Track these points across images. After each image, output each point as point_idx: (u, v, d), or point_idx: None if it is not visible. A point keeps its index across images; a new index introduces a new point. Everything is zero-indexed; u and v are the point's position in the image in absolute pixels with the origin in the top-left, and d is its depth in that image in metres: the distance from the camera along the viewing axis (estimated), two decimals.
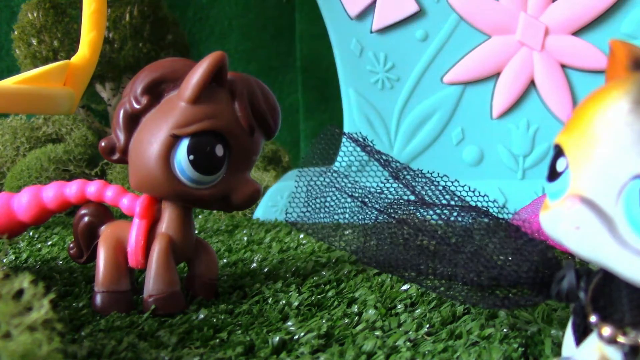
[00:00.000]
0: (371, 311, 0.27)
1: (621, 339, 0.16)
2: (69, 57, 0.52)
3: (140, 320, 0.26)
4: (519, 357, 0.22)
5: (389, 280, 0.32)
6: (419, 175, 0.24)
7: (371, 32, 0.52)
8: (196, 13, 0.84)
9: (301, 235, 0.45)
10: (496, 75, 0.51)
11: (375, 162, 0.26)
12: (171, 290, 0.28)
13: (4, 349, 0.15)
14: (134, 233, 0.28)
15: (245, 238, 0.45)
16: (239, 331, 0.25)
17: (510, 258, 0.20)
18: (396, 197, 0.24)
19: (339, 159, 0.27)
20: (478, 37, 0.51)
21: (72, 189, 0.30)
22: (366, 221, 0.25)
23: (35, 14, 0.64)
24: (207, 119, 0.26)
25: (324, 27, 0.54)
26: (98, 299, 0.28)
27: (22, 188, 0.32)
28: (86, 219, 0.30)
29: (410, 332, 0.24)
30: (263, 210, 0.55)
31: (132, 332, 0.25)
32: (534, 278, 0.19)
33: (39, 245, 0.43)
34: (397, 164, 0.25)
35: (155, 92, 0.27)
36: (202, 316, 0.27)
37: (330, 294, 0.30)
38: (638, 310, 0.16)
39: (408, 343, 0.23)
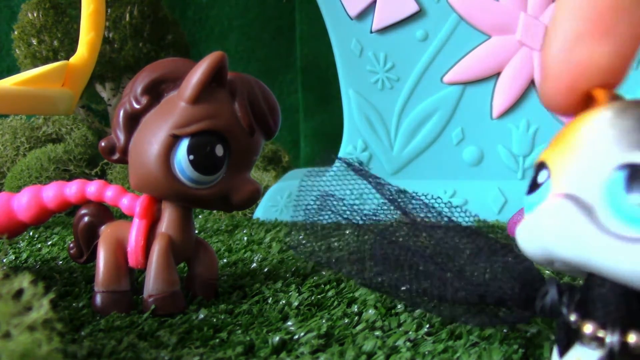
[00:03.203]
0: (371, 311, 0.27)
1: (601, 333, 0.16)
2: (68, 57, 0.53)
3: (140, 320, 0.26)
4: (519, 359, 0.22)
5: None
6: (414, 198, 0.25)
7: (371, 32, 0.52)
8: (196, 13, 0.84)
9: (301, 236, 0.45)
10: (496, 75, 0.51)
11: (369, 186, 0.26)
12: (171, 290, 0.28)
13: (4, 349, 0.15)
14: (134, 233, 0.28)
15: (245, 238, 0.45)
16: (239, 331, 0.25)
17: (496, 276, 0.20)
18: (390, 218, 0.25)
19: (328, 177, 0.27)
20: (478, 37, 0.51)
21: (72, 189, 0.30)
22: (362, 244, 0.25)
23: (35, 14, 0.64)
24: (207, 119, 0.26)
25: (324, 27, 0.54)
26: (98, 299, 0.28)
27: (22, 188, 0.32)
28: (86, 219, 0.30)
29: (410, 332, 0.24)
30: (263, 210, 0.55)
31: (132, 332, 0.25)
32: (519, 294, 0.19)
33: (39, 245, 0.43)
34: (391, 188, 0.26)
35: (155, 92, 0.27)
36: (202, 316, 0.27)
37: (330, 294, 0.30)
38: (620, 311, 0.16)
39: (408, 343, 0.23)
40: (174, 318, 0.27)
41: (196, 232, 0.33)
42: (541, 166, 0.17)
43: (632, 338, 0.16)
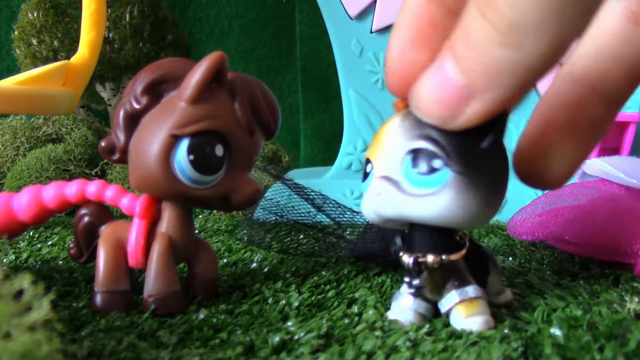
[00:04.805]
0: (371, 311, 0.27)
1: (405, 257, 0.25)
2: (69, 57, 0.53)
3: (140, 320, 0.26)
4: (519, 357, 0.22)
5: (389, 280, 0.32)
6: (333, 203, 0.38)
7: (371, 32, 0.52)
8: (196, 13, 0.84)
9: (301, 235, 0.45)
10: None
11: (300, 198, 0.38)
12: (171, 290, 0.28)
13: (4, 349, 0.15)
14: (134, 233, 0.28)
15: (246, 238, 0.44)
16: (239, 331, 0.25)
17: (375, 239, 0.34)
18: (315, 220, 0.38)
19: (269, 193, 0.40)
20: None
21: (72, 189, 0.30)
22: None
23: (35, 14, 0.64)
24: (207, 119, 0.26)
25: (324, 27, 0.54)
26: (98, 299, 0.28)
27: (22, 188, 0.32)
28: (86, 219, 0.30)
29: (410, 332, 0.24)
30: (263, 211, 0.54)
31: (132, 332, 0.25)
32: (388, 248, 0.31)
33: (39, 245, 0.43)
34: (317, 197, 0.38)
35: (155, 92, 0.27)
36: (202, 316, 0.27)
37: (330, 294, 0.30)
38: (425, 246, 0.25)
39: (408, 343, 0.23)
40: (174, 318, 0.27)
41: (196, 232, 0.33)
42: (367, 161, 0.25)
43: (429, 258, 0.25)
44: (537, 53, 0.18)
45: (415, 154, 0.23)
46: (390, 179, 0.24)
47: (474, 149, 0.23)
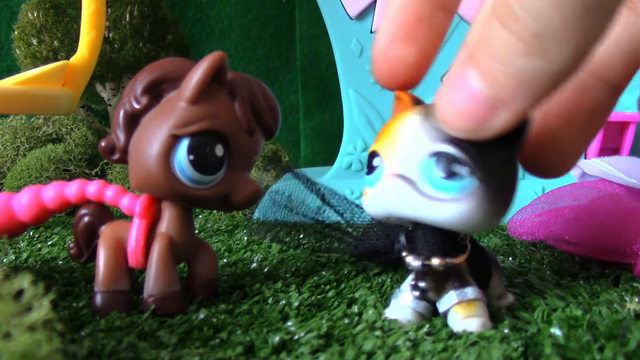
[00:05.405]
0: (371, 311, 0.27)
1: (409, 259, 0.25)
2: (69, 57, 0.53)
3: (140, 320, 0.26)
4: (519, 357, 0.22)
5: (389, 280, 0.32)
6: (341, 198, 0.37)
7: (371, 32, 0.52)
8: (196, 13, 0.84)
9: (301, 235, 0.45)
10: None
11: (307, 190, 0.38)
12: (171, 290, 0.28)
13: (4, 349, 0.15)
14: (134, 233, 0.28)
15: (245, 238, 0.45)
16: (239, 331, 0.25)
17: (379, 236, 0.33)
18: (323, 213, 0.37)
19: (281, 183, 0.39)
20: None
21: (72, 189, 0.30)
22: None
23: (35, 14, 0.64)
24: (207, 119, 0.26)
25: (324, 27, 0.54)
26: (98, 299, 0.28)
27: (22, 188, 0.32)
28: (86, 219, 0.30)
29: (410, 332, 0.24)
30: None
31: (132, 332, 0.25)
32: (389, 244, 0.31)
33: (39, 245, 0.43)
34: (326, 191, 0.37)
35: (155, 92, 0.27)
36: (202, 316, 0.27)
37: (330, 294, 0.30)
38: (429, 247, 0.25)
39: (408, 343, 0.23)
40: (174, 318, 0.27)
41: (196, 232, 0.33)
42: (374, 154, 0.25)
43: (434, 261, 0.24)
44: (562, 60, 0.18)
45: (440, 156, 0.22)
46: (406, 178, 0.23)
47: (496, 158, 0.23)
